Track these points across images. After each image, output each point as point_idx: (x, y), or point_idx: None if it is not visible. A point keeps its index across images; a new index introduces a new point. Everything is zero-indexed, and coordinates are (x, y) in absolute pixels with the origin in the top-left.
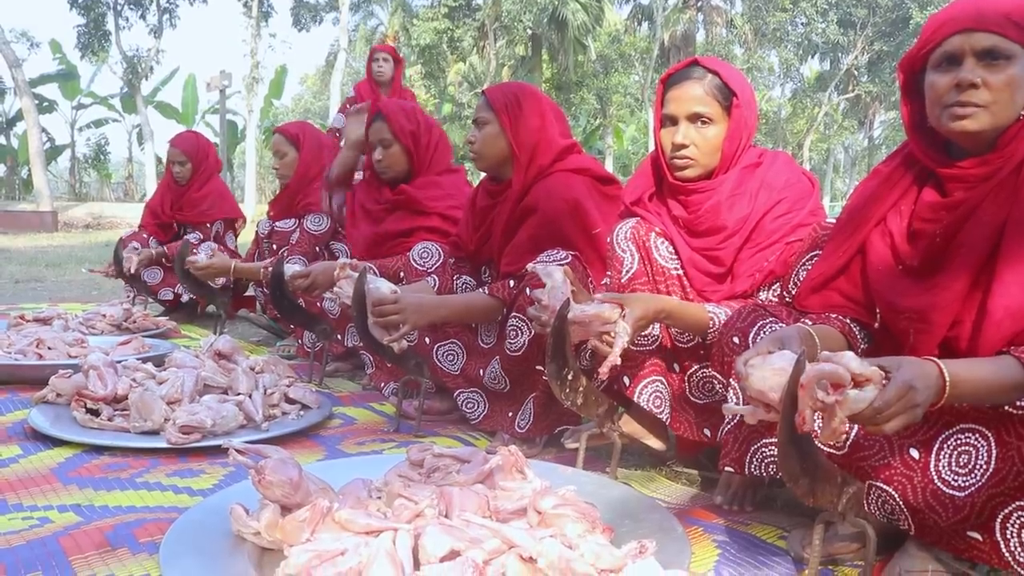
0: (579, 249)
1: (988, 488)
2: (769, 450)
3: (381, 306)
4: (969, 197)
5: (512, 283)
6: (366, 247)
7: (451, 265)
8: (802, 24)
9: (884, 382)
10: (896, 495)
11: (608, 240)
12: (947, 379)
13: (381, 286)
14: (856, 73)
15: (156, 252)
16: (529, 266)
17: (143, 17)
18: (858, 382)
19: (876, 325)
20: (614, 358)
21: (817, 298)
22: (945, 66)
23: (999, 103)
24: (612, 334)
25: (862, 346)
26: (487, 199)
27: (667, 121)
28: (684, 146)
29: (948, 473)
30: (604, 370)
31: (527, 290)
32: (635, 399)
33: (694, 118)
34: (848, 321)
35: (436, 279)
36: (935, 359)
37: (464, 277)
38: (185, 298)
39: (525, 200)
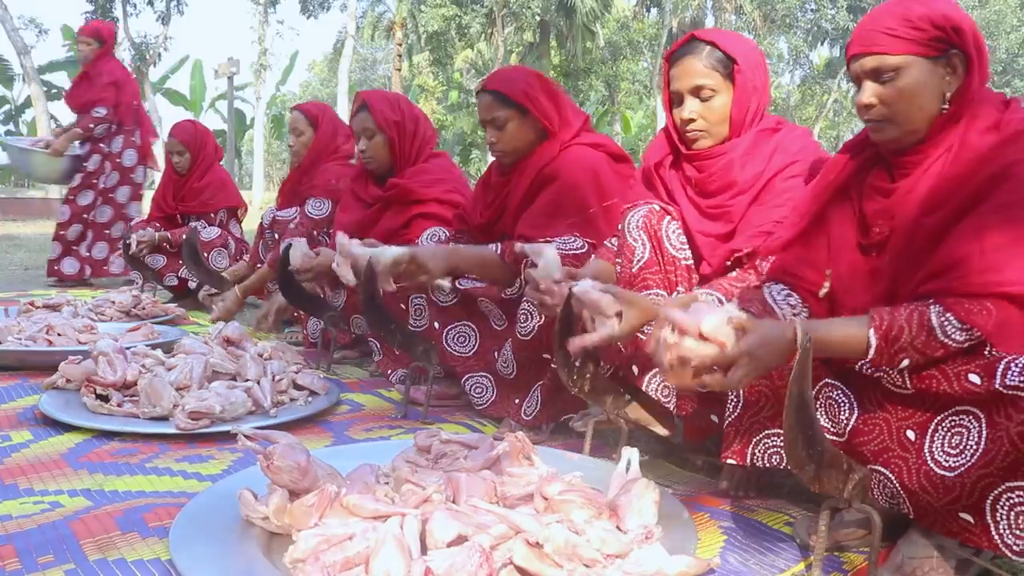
0: (594, 218)
1: (978, 468)
2: (772, 440)
3: (398, 267)
4: (903, 184)
5: (525, 247)
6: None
7: (454, 236)
8: (811, 10)
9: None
10: (893, 478)
11: (620, 227)
12: (798, 340)
13: (389, 252)
14: None
15: (159, 236)
16: (517, 247)
17: (151, 3)
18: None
19: (821, 294)
20: (589, 341)
21: (776, 264)
22: (856, 87)
23: (899, 112)
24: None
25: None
26: (501, 176)
27: (674, 98)
28: (692, 120)
29: (940, 454)
30: (575, 344)
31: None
32: (644, 388)
33: (696, 91)
34: (777, 303)
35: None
36: (796, 321)
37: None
38: (193, 284)
39: (546, 168)
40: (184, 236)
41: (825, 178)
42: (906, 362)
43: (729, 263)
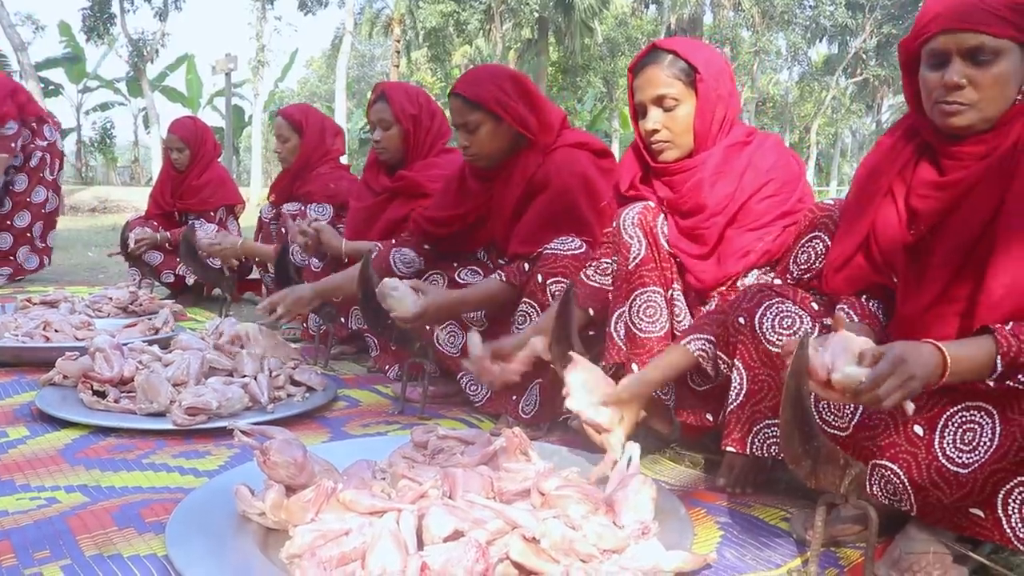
0: (589, 223)
1: (990, 464)
2: (771, 431)
3: (405, 324)
4: (964, 177)
5: (527, 266)
6: (368, 231)
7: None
8: (810, 7)
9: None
10: (901, 473)
11: (614, 224)
12: (947, 358)
13: (404, 299)
14: (864, 56)
15: (160, 238)
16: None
17: (148, 0)
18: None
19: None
20: (603, 471)
21: (842, 277)
22: (934, 63)
23: (986, 99)
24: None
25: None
26: (478, 183)
27: (639, 109)
28: (656, 131)
29: (952, 450)
30: (593, 478)
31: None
32: None
33: (659, 101)
34: (874, 310)
35: (444, 276)
36: (931, 341)
37: (468, 269)
38: (190, 281)
39: (535, 177)
40: (181, 233)
41: (871, 181)
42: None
43: (724, 288)
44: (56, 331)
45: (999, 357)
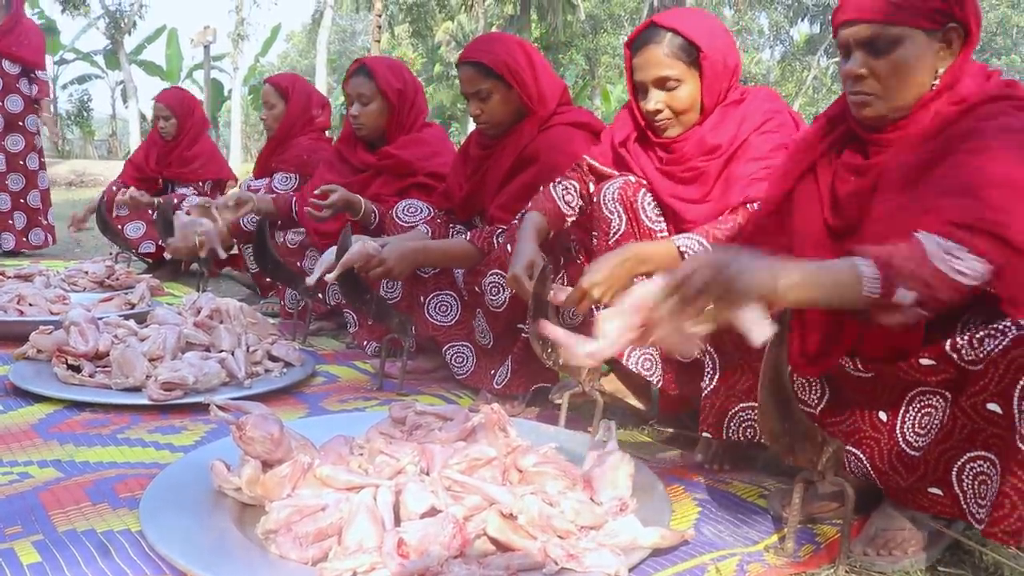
0: None
1: (938, 443)
2: (746, 414)
3: (367, 263)
4: (877, 162)
5: (498, 233)
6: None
7: (441, 216)
8: None
9: None
10: (864, 458)
11: (595, 200)
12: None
13: (366, 243)
14: None
15: (145, 201)
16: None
17: None
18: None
19: None
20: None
21: (753, 233)
22: (842, 55)
23: (890, 88)
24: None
25: None
26: (480, 149)
27: (639, 87)
28: (659, 111)
29: (912, 435)
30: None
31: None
32: (624, 362)
33: (661, 83)
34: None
35: (428, 228)
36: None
37: (459, 226)
38: (168, 255)
39: (526, 150)
40: (157, 207)
41: (795, 156)
42: (909, 296)
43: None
44: (30, 305)
45: (871, 260)
